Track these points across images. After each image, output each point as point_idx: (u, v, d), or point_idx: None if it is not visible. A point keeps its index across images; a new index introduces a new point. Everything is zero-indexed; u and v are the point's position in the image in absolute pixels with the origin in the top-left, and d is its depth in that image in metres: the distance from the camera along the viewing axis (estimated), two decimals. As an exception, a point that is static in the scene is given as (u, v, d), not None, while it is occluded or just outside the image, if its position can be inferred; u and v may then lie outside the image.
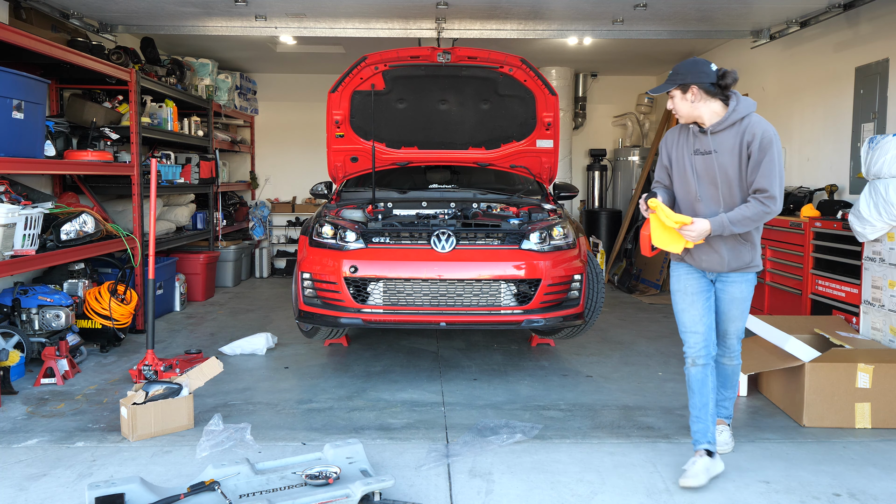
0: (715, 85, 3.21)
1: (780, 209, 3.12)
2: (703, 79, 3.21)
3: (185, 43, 8.02)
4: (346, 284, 4.41)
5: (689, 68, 3.25)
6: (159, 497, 2.76)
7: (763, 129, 3.15)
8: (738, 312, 3.37)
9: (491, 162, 5.91)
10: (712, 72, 3.23)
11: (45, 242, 4.78)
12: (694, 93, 3.22)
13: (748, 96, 3.73)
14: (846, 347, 4.07)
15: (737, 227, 3.13)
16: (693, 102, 3.24)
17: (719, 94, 3.23)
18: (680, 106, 3.27)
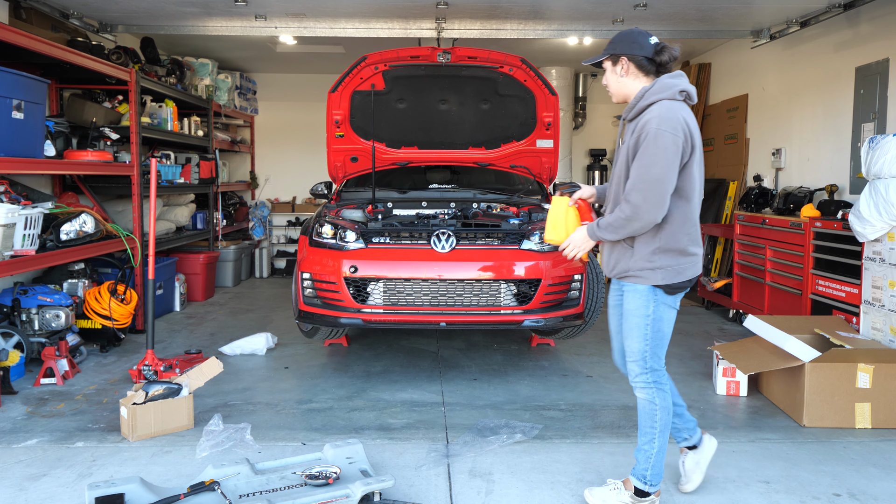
0: (650, 60, 2.75)
1: (649, 216, 2.65)
2: (636, 50, 2.75)
3: (185, 43, 8.02)
4: (346, 284, 4.41)
5: (622, 37, 2.79)
6: (159, 497, 2.76)
7: (651, 119, 2.65)
8: (627, 328, 2.84)
9: (491, 162, 5.91)
10: (649, 45, 2.75)
11: (44, 242, 4.78)
12: (623, 65, 2.79)
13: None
14: (846, 347, 4.06)
15: (604, 234, 2.78)
16: (622, 77, 2.81)
17: (653, 72, 2.78)
18: (610, 80, 2.87)
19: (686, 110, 2.71)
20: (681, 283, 2.76)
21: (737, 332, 6.18)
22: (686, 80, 2.75)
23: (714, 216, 7.91)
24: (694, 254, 2.78)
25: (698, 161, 2.73)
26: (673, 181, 2.65)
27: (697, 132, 2.73)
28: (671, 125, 2.62)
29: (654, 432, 2.84)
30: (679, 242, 2.75)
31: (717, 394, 4.46)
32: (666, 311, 2.80)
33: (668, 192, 2.64)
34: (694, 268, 2.78)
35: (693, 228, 2.77)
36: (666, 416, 2.83)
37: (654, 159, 2.62)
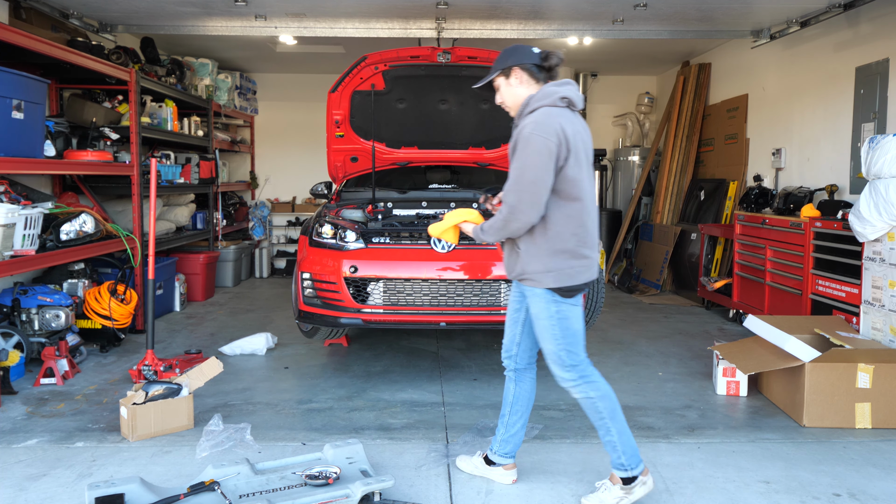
0: (539, 67, 2.88)
1: (524, 217, 2.76)
2: (526, 59, 2.88)
3: (185, 43, 8.02)
4: (346, 284, 4.41)
5: (509, 52, 2.94)
6: (159, 497, 2.76)
7: (527, 124, 2.77)
8: (537, 332, 2.93)
9: (491, 162, 5.91)
10: (535, 53, 2.90)
11: (44, 242, 4.78)
12: (517, 75, 2.90)
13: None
14: (846, 347, 4.06)
15: (486, 236, 2.91)
16: (517, 88, 2.93)
17: (543, 79, 2.91)
18: (505, 95, 2.97)
19: (566, 116, 2.80)
20: (574, 287, 2.84)
21: (737, 332, 6.18)
22: (571, 87, 2.86)
23: (714, 216, 7.91)
24: (585, 256, 2.85)
25: (577, 164, 2.80)
26: (547, 183, 2.74)
27: (578, 137, 2.80)
28: (544, 130, 2.73)
29: (606, 422, 2.93)
30: (566, 243, 2.82)
31: (717, 394, 4.46)
32: (569, 309, 2.87)
33: (543, 193, 2.75)
34: (588, 271, 2.86)
35: (581, 230, 2.84)
36: (607, 402, 2.94)
37: (527, 162, 2.73)
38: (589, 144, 2.90)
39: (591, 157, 2.91)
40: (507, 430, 3.18)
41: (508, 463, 3.19)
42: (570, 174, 2.78)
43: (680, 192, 8.74)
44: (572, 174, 2.78)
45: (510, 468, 3.19)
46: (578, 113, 2.91)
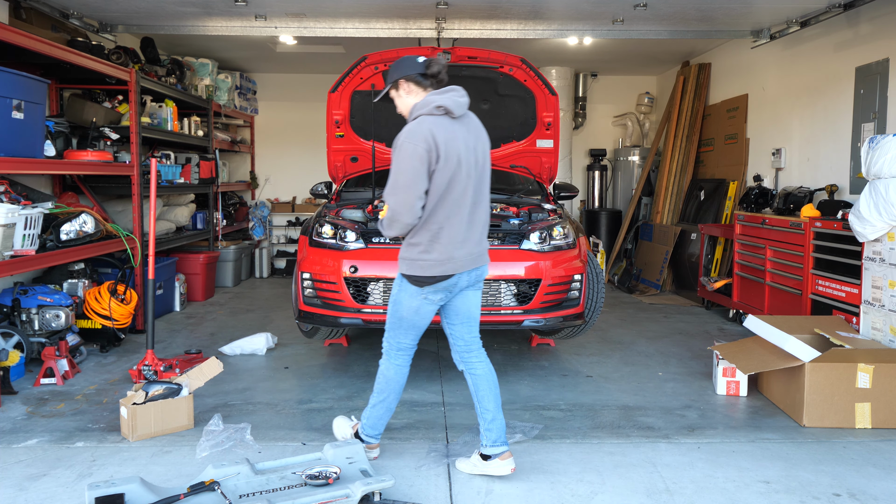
0: (424, 76, 3.09)
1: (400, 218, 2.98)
2: (410, 70, 3.09)
3: (185, 43, 8.02)
4: (346, 284, 4.41)
5: (395, 66, 3.15)
6: (159, 497, 2.76)
7: (402, 132, 3.00)
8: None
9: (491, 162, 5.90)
10: (419, 63, 3.10)
11: (44, 242, 4.78)
12: (404, 87, 3.13)
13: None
14: (846, 347, 4.07)
15: (382, 228, 3.13)
16: (406, 97, 3.15)
17: (430, 85, 3.11)
18: (399, 105, 3.20)
19: (441, 123, 2.99)
20: (421, 278, 3.06)
21: (737, 332, 6.18)
22: (450, 94, 3.06)
23: (714, 216, 7.91)
24: (441, 253, 3.02)
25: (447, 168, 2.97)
26: (418, 187, 2.95)
27: (451, 143, 2.98)
28: (414, 137, 2.94)
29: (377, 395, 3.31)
30: (419, 238, 3.05)
31: (717, 394, 4.46)
32: (409, 298, 3.12)
33: (415, 197, 2.96)
34: (439, 266, 3.03)
35: (436, 226, 3.01)
36: (388, 384, 3.28)
37: (399, 168, 2.96)
38: (477, 148, 3.12)
39: (478, 160, 3.13)
40: (484, 419, 3.24)
41: (502, 452, 3.19)
42: (438, 180, 2.97)
43: (680, 192, 8.74)
44: (441, 180, 2.97)
45: (506, 457, 3.19)
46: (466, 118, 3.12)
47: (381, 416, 3.34)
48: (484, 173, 3.19)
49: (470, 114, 3.21)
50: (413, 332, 3.24)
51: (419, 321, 3.19)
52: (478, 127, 3.21)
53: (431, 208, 3.01)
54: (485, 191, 3.20)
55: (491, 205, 5.11)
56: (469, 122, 3.15)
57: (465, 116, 3.14)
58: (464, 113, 3.11)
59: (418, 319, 3.19)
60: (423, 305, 3.14)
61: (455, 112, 3.04)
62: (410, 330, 3.22)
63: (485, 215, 3.20)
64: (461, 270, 3.09)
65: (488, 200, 3.25)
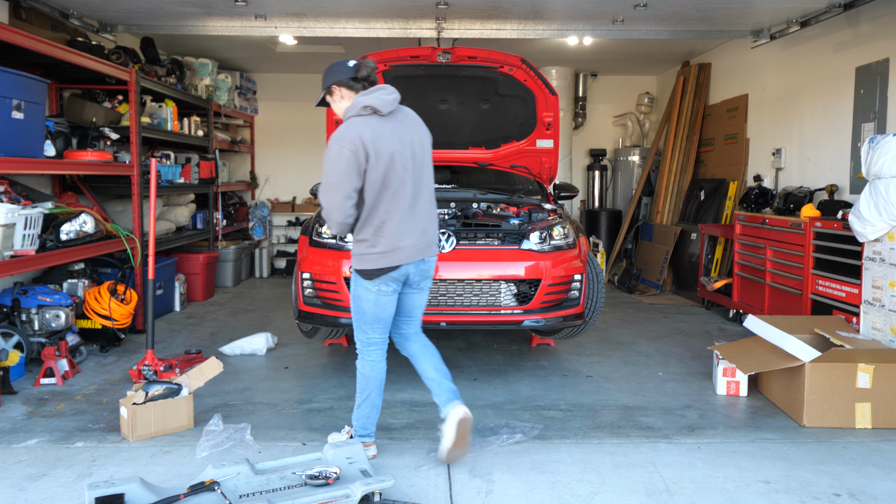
0: (354, 79, 3.23)
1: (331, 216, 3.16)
2: (341, 76, 3.24)
3: (185, 43, 8.02)
4: (346, 284, 4.40)
5: (327, 72, 3.29)
6: (159, 497, 2.76)
7: (333, 134, 3.14)
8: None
9: (491, 162, 5.91)
10: (349, 68, 3.24)
11: (44, 242, 4.78)
12: (337, 92, 3.28)
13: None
14: (846, 347, 4.06)
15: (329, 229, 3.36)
16: (339, 103, 3.30)
17: (362, 87, 3.25)
18: (335, 110, 3.34)
19: (369, 123, 3.12)
20: (371, 271, 3.20)
21: (737, 332, 6.18)
22: (378, 93, 3.17)
23: (714, 216, 7.91)
24: (385, 245, 3.16)
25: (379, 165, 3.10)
26: (348, 186, 3.08)
27: (380, 140, 3.10)
28: (341, 139, 3.08)
29: (361, 393, 3.38)
30: (364, 233, 3.20)
31: (717, 394, 4.46)
32: (364, 291, 3.25)
33: (345, 195, 3.10)
34: (386, 258, 3.17)
35: (378, 221, 3.15)
36: (367, 382, 3.36)
37: (329, 168, 3.11)
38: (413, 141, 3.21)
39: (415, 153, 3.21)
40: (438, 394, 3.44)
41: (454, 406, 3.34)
42: (372, 177, 3.10)
43: (680, 192, 8.74)
44: (375, 176, 3.10)
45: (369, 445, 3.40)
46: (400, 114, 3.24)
47: (369, 415, 3.40)
48: (423, 166, 3.27)
49: (405, 110, 3.32)
50: (379, 326, 3.33)
51: (381, 313, 3.30)
52: (414, 121, 3.31)
53: (372, 204, 3.14)
54: (425, 183, 3.28)
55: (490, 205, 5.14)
56: (403, 118, 3.25)
57: (397, 112, 3.24)
58: (394, 109, 3.21)
59: (380, 312, 3.29)
60: (379, 297, 3.25)
61: (382, 110, 3.15)
62: (376, 324, 3.32)
63: (428, 206, 3.29)
64: (407, 261, 3.21)
65: (431, 192, 3.33)
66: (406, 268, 3.23)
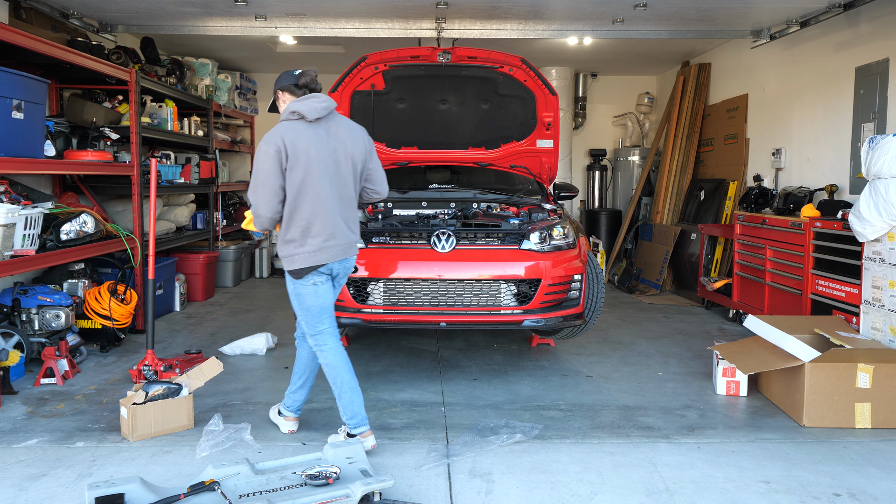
0: (297, 86, 3.44)
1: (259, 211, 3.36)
2: (285, 82, 3.46)
3: (185, 43, 8.02)
4: (347, 284, 4.41)
5: (277, 79, 3.51)
6: (159, 497, 2.76)
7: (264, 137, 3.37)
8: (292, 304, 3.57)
9: (491, 162, 5.91)
10: (293, 76, 3.46)
11: (45, 242, 4.78)
12: (282, 97, 3.49)
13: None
14: (846, 347, 4.07)
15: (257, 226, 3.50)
16: (283, 106, 3.50)
17: (303, 93, 3.45)
18: (282, 113, 3.50)
19: (294, 127, 3.32)
20: (299, 270, 3.38)
21: (737, 332, 6.18)
22: (307, 101, 3.36)
23: (714, 216, 7.91)
24: (312, 244, 3.36)
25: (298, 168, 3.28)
26: (271, 185, 3.30)
27: (300, 144, 3.28)
28: (267, 140, 3.30)
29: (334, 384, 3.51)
30: (293, 234, 3.38)
31: (717, 394, 4.46)
32: (302, 288, 3.43)
33: (270, 193, 3.31)
34: (313, 257, 3.36)
35: (304, 222, 3.34)
36: (332, 369, 3.50)
37: (256, 168, 3.33)
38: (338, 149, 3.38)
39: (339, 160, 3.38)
40: (292, 387, 3.73)
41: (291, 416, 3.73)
42: (292, 178, 3.29)
43: (680, 192, 8.74)
44: (295, 177, 3.29)
45: (290, 420, 3.73)
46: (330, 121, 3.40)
47: (353, 400, 3.48)
48: (345, 173, 3.43)
49: (338, 119, 3.48)
50: (325, 315, 3.50)
51: (323, 301, 3.47)
52: (344, 130, 3.45)
53: (294, 205, 3.33)
54: (347, 189, 3.46)
55: (490, 205, 5.14)
56: (331, 126, 3.41)
57: (327, 120, 3.40)
58: (322, 117, 3.37)
59: (322, 301, 3.47)
60: (317, 288, 3.45)
61: (308, 116, 3.33)
62: (321, 313, 3.48)
63: (348, 211, 3.47)
64: (332, 260, 3.42)
65: (352, 197, 3.50)
66: (329, 266, 3.43)
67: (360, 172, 3.52)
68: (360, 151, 3.50)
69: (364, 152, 3.52)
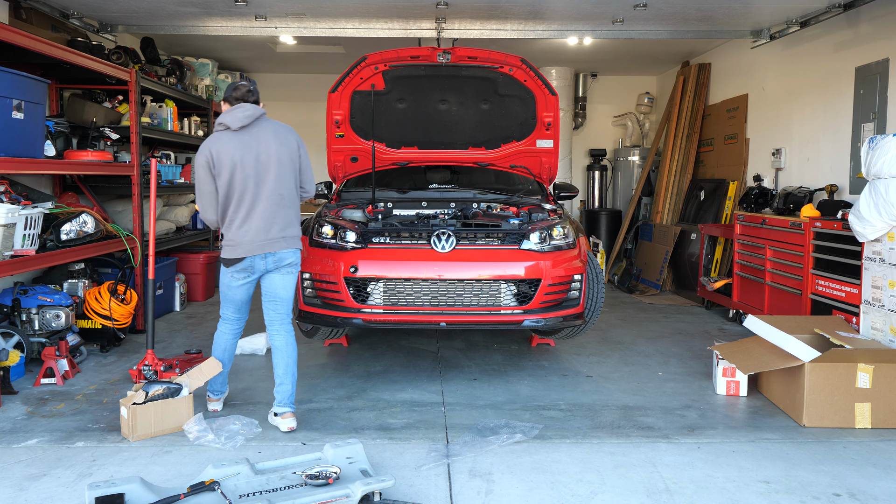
0: (231, 98, 3.79)
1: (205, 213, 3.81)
2: (225, 94, 3.84)
3: (185, 43, 8.02)
4: (346, 284, 4.41)
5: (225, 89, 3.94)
6: (159, 497, 2.76)
7: None
8: None
9: (491, 162, 5.91)
10: (230, 87, 3.83)
11: (45, 242, 4.78)
12: (224, 106, 3.86)
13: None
14: (846, 347, 4.07)
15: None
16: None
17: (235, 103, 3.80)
18: None
19: (220, 138, 3.71)
20: (225, 259, 3.80)
21: (737, 332, 6.18)
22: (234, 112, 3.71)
23: (714, 216, 7.91)
24: (233, 240, 3.74)
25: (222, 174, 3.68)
26: (207, 190, 3.74)
27: (224, 152, 3.66)
28: (199, 151, 3.74)
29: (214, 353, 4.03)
30: (224, 229, 3.80)
31: (717, 394, 4.46)
32: (226, 277, 3.85)
33: (205, 197, 3.77)
34: (232, 250, 3.74)
35: (229, 220, 3.74)
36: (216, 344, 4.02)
37: (194, 175, 3.77)
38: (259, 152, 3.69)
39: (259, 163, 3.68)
40: (276, 382, 3.88)
41: (284, 412, 3.82)
42: (220, 183, 3.70)
43: (680, 192, 8.74)
44: (222, 182, 3.69)
45: (286, 416, 3.80)
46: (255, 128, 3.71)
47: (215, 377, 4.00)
48: (270, 174, 3.71)
49: (263, 124, 3.76)
50: (231, 306, 3.93)
51: (233, 295, 3.89)
52: (270, 133, 3.75)
53: (224, 205, 3.73)
54: (265, 189, 3.72)
55: (490, 205, 5.13)
56: (256, 131, 3.72)
57: (252, 127, 3.72)
58: (247, 125, 3.70)
59: (232, 294, 3.88)
60: (232, 282, 3.83)
61: (232, 126, 3.69)
62: (229, 303, 3.93)
63: (271, 207, 3.72)
64: (249, 254, 3.72)
65: (273, 195, 3.73)
66: (250, 260, 3.74)
67: (293, 172, 3.80)
68: (287, 151, 3.77)
69: (290, 152, 3.79)
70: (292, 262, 3.85)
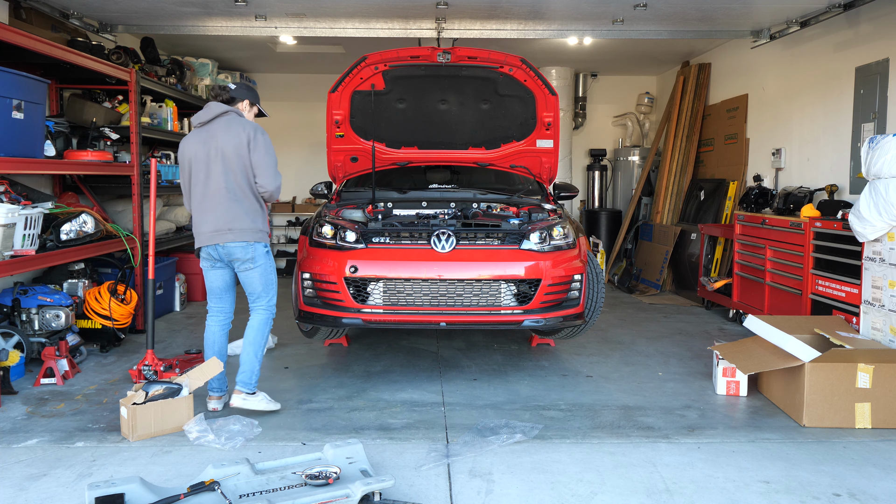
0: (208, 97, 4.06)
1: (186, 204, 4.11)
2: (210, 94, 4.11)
3: (185, 43, 8.02)
4: (347, 284, 4.41)
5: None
6: (159, 497, 2.76)
7: None
8: None
9: (491, 162, 5.91)
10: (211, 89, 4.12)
11: (45, 242, 4.78)
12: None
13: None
14: (846, 347, 4.07)
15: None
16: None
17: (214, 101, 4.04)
18: None
19: (190, 136, 3.99)
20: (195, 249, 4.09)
21: (737, 332, 6.18)
22: (201, 112, 3.96)
23: (714, 216, 7.91)
24: (194, 229, 4.05)
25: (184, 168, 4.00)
26: (182, 183, 4.07)
27: (186, 149, 3.96)
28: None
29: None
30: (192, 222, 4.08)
31: (717, 394, 4.46)
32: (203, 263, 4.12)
33: (183, 189, 4.09)
34: (196, 239, 4.03)
35: (192, 213, 4.04)
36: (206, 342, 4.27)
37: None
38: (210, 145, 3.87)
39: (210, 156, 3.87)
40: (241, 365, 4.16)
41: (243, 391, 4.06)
42: (183, 177, 4.03)
43: (680, 192, 8.74)
44: (185, 176, 4.01)
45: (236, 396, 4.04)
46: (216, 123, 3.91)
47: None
48: (217, 168, 3.88)
49: (223, 120, 3.92)
50: (209, 294, 4.21)
51: (209, 283, 4.17)
52: (222, 129, 3.89)
53: (188, 197, 4.05)
54: (211, 183, 3.90)
55: (490, 205, 5.13)
56: (212, 129, 3.91)
57: (211, 124, 3.93)
58: (205, 121, 3.92)
59: (208, 282, 4.17)
60: (205, 271, 4.12)
61: (194, 123, 3.98)
62: (208, 292, 4.20)
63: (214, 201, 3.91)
64: (205, 244, 3.98)
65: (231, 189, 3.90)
66: (206, 249, 4.00)
67: (240, 166, 3.89)
68: (233, 146, 3.87)
69: (238, 146, 3.87)
70: (242, 258, 4.03)
